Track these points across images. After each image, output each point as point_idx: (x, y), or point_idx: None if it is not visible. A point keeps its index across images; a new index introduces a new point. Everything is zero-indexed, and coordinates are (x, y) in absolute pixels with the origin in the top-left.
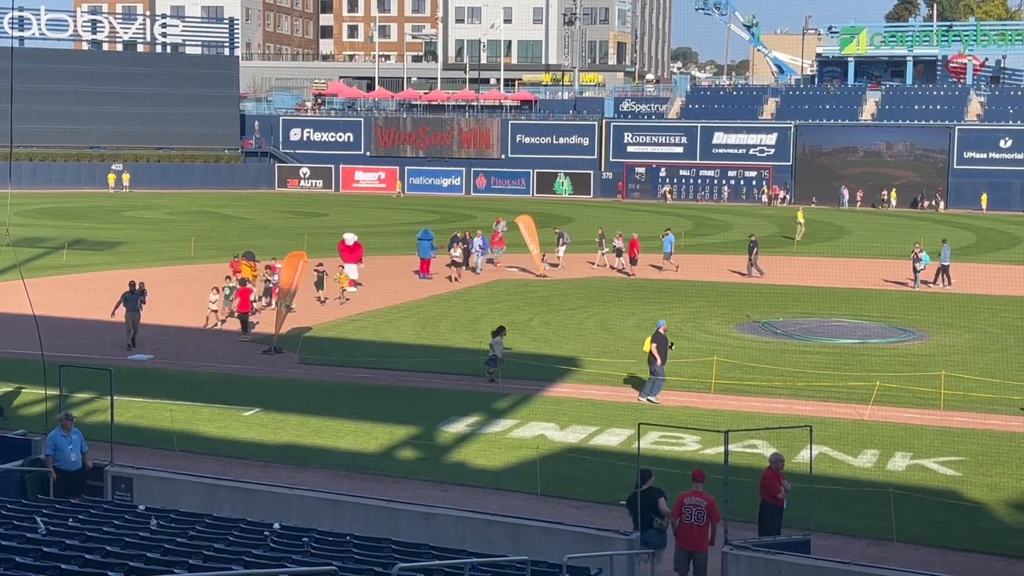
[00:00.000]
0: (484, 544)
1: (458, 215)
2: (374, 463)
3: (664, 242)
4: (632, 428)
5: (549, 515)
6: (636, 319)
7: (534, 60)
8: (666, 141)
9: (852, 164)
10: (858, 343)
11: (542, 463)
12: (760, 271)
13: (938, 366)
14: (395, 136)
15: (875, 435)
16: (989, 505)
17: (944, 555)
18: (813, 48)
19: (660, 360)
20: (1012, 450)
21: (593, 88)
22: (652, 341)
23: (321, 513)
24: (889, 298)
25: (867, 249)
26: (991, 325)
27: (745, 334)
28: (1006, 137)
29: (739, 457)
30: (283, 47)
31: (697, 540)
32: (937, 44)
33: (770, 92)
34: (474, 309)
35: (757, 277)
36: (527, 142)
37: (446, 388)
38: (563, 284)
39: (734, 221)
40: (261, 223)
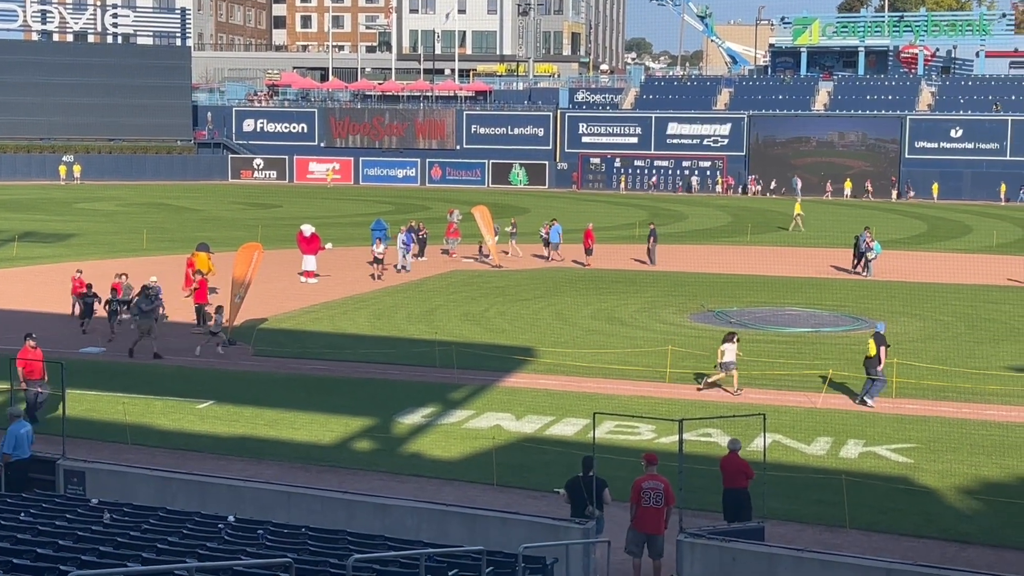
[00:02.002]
0: (440, 535)
1: (413, 206)
2: (329, 455)
3: (551, 232)
4: (587, 417)
5: (505, 505)
6: (592, 309)
7: (488, 51)
8: (621, 132)
9: (805, 154)
10: (811, 332)
11: (498, 453)
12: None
13: (890, 354)
14: (349, 127)
15: (828, 423)
16: (940, 491)
17: (896, 541)
18: (766, 39)
19: (881, 362)
20: (963, 437)
21: (548, 79)
22: (877, 343)
23: (276, 505)
24: (841, 287)
25: (819, 238)
26: (942, 313)
27: (700, 323)
28: (956, 127)
29: (694, 446)
30: (236, 37)
31: (657, 523)
32: (888, 35)
33: (724, 83)
34: (429, 300)
35: (654, 266)
36: (482, 133)
37: (401, 379)
38: (519, 274)
39: (689, 211)
40: (214, 214)
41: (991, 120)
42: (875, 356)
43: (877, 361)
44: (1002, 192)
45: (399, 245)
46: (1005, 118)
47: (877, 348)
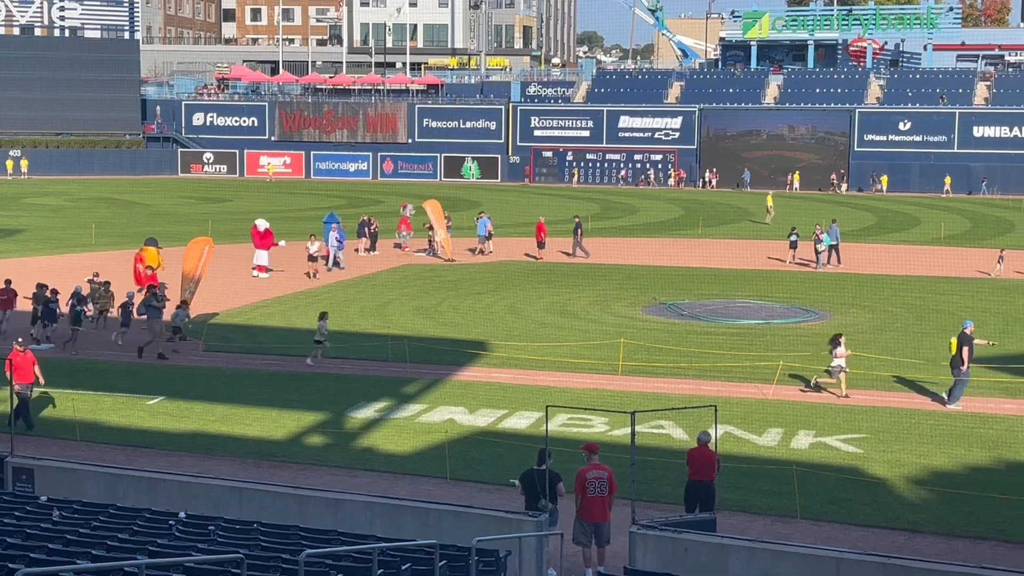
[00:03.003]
0: (393, 529)
1: (365, 200)
2: (281, 450)
3: (478, 225)
4: (541, 411)
5: (458, 499)
6: (544, 302)
7: (440, 44)
8: (572, 125)
9: (756, 147)
10: (762, 323)
11: (451, 447)
12: (585, 252)
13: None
14: (300, 120)
15: (779, 414)
16: (890, 481)
17: (847, 531)
18: (716, 32)
19: (965, 362)
20: (912, 427)
21: (499, 72)
22: (958, 342)
23: (227, 501)
24: (791, 279)
25: (769, 231)
26: (891, 304)
27: (652, 316)
28: (905, 120)
29: (646, 438)
30: (184, 30)
31: (602, 511)
32: (837, 28)
33: (675, 76)
34: (382, 294)
35: (582, 257)
36: (434, 126)
37: (354, 374)
38: (471, 268)
39: (640, 204)
40: (164, 209)
41: (939, 113)
42: (957, 355)
43: (960, 360)
44: (947, 184)
45: (331, 243)
46: (952, 111)
47: (959, 347)
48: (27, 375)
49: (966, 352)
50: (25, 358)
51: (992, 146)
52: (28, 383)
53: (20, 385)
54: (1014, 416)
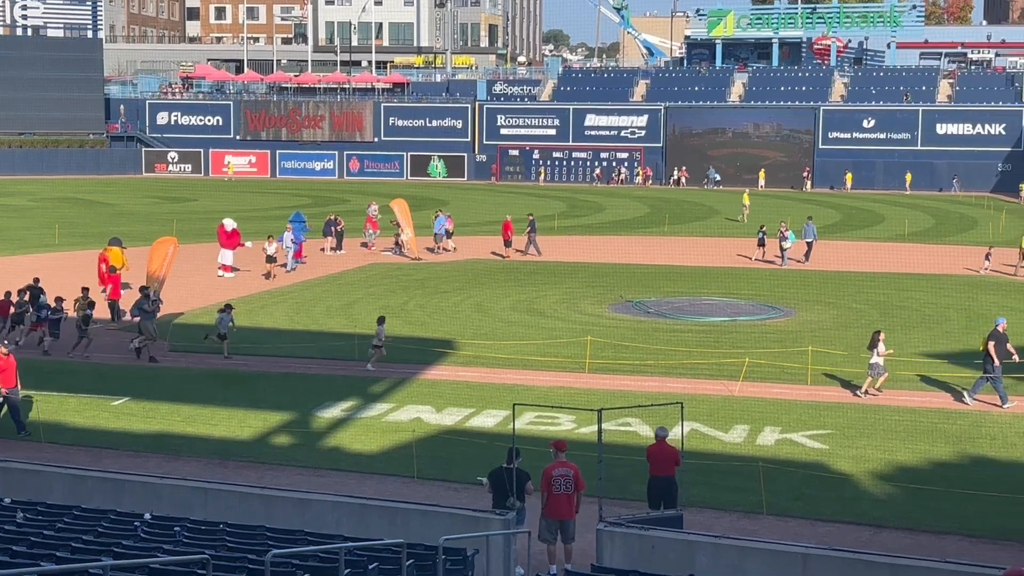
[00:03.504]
0: (360, 529)
1: (331, 199)
2: (248, 450)
3: (435, 223)
4: (508, 409)
5: (426, 498)
6: (511, 301)
7: (406, 43)
8: (539, 123)
9: (721, 145)
10: (728, 321)
11: (418, 446)
12: (538, 250)
13: (805, 342)
14: (265, 119)
15: (745, 410)
16: (855, 476)
17: (813, 526)
18: (681, 30)
19: (996, 360)
20: (877, 422)
21: (465, 71)
22: (989, 339)
23: (193, 502)
24: (757, 276)
25: (742, 228)
26: (855, 301)
27: (618, 314)
28: (869, 117)
29: (613, 435)
30: (148, 29)
31: (567, 509)
32: (802, 26)
33: (640, 74)
34: (349, 293)
35: (535, 255)
36: (400, 125)
37: (321, 373)
38: (438, 267)
39: (607, 202)
40: (128, 209)
41: (902, 111)
42: (987, 352)
43: (990, 359)
44: (908, 182)
45: (286, 244)
46: (916, 108)
47: (986, 343)
48: (10, 379)
49: (992, 348)
50: (8, 362)
51: (955, 143)
52: (12, 387)
53: (7, 390)
54: (977, 411)
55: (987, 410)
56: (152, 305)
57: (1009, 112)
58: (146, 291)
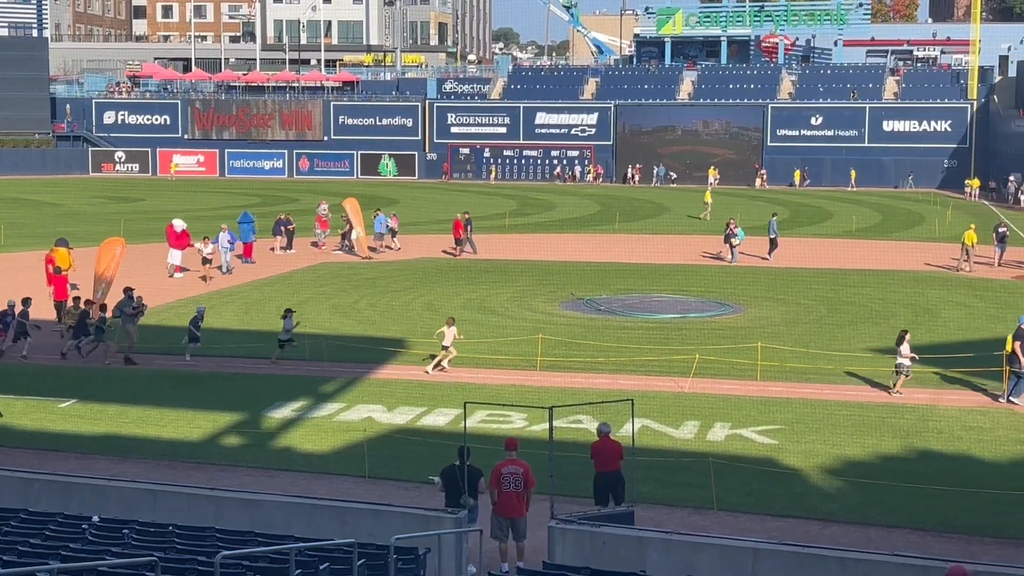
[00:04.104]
0: (311, 529)
1: (281, 198)
2: (197, 451)
3: (375, 222)
4: (459, 407)
5: (378, 497)
6: (463, 299)
7: (355, 41)
8: (489, 122)
9: (671, 143)
10: (678, 317)
11: (370, 445)
12: (473, 248)
13: (754, 338)
14: (214, 118)
15: (695, 407)
16: (804, 471)
17: (763, 521)
18: (631, 29)
19: (1022, 359)
20: (825, 417)
21: (415, 69)
22: (1015, 339)
23: (142, 504)
24: (707, 273)
25: (685, 225)
26: (804, 297)
27: (569, 311)
28: (817, 115)
29: (565, 432)
30: (95, 28)
31: (517, 506)
32: (750, 24)
33: (590, 72)
34: (299, 293)
35: (470, 254)
36: (350, 123)
37: (271, 373)
38: (389, 266)
39: (558, 200)
40: (75, 209)
41: (849, 108)
42: (1012, 352)
43: (1016, 358)
44: (852, 178)
45: (222, 245)
46: (863, 105)
47: (1013, 343)
48: None
49: (1019, 348)
50: None
51: (902, 140)
52: None
53: None
54: (925, 405)
55: (933, 404)
56: (135, 309)
57: (955, 109)
58: (130, 293)
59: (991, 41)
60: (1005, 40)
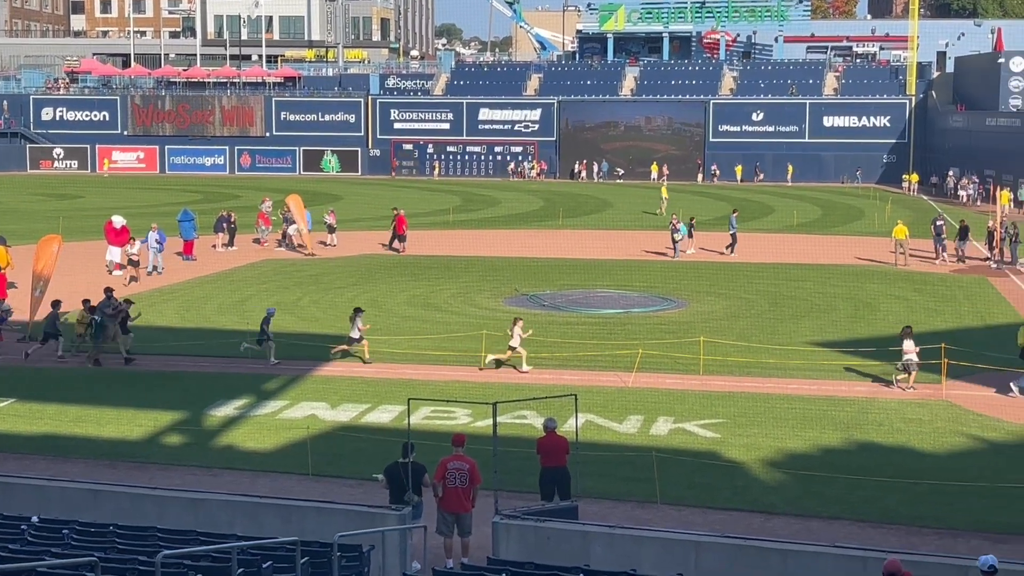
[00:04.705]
0: (254, 527)
1: (223, 195)
2: (138, 451)
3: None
4: (403, 404)
5: (321, 495)
6: (407, 295)
7: (296, 36)
8: (433, 118)
9: (614, 138)
10: (621, 313)
11: (313, 443)
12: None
13: (697, 332)
14: (154, 114)
15: (639, 401)
16: (747, 464)
17: (705, 514)
18: (573, 25)
19: None
20: (767, 411)
21: (358, 65)
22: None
23: (82, 504)
24: (650, 268)
25: (629, 221)
26: (746, 292)
27: (513, 307)
28: (758, 111)
29: (509, 428)
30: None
31: (462, 502)
32: (691, 20)
33: (533, 68)
34: (240, 290)
35: (400, 249)
36: (292, 119)
37: (213, 371)
38: (332, 262)
39: (502, 196)
40: (12, 206)
41: (790, 104)
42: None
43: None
44: (789, 174)
45: (151, 245)
46: (803, 101)
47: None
48: None
49: None
50: None
51: (841, 135)
52: None
53: None
54: (864, 398)
55: (873, 396)
56: (114, 310)
57: (893, 104)
58: (109, 293)
59: (929, 37)
60: (943, 36)
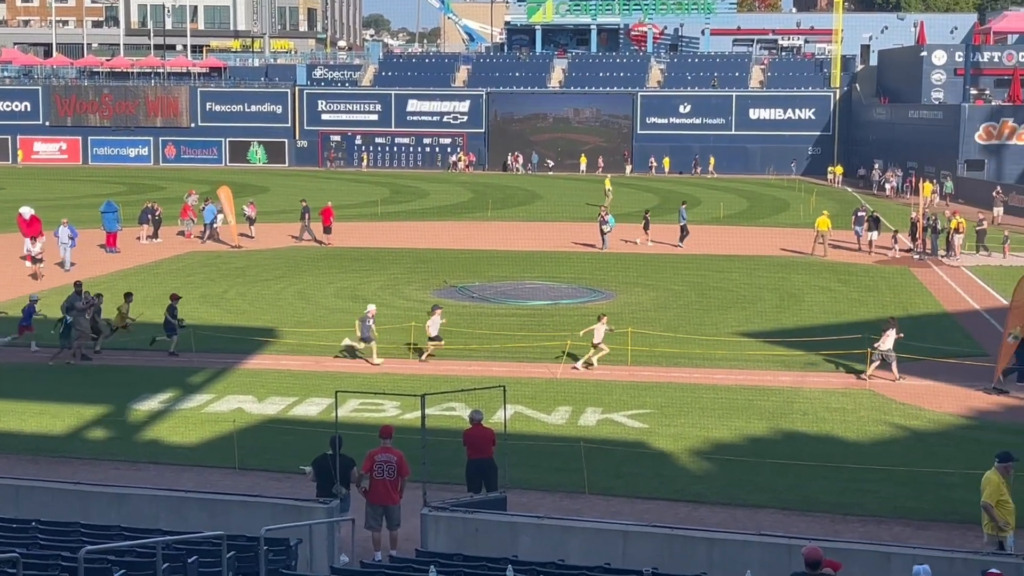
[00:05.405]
0: (179, 522)
1: (147, 186)
2: (61, 446)
3: (204, 213)
4: (331, 396)
5: (248, 488)
6: (334, 288)
7: (222, 26)
8: (360, 109)
9: (542, 130)
10: (550, 304)
11: (240, 436)
12: (312, 236)
13: (625, 323)
14: (76, 105)
15: (567, 392)
16: (674, 454)
17: (633, 504)
18: (502, 16)
19: None
20: (694, 401)
21: (284, 55)
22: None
23: (4, 500)
24: (579, 260)
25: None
26: (674, 283)
27: (442, 299)
28: (685, 103)
29: (438, 420)
30: None
31: (390, 494)
32: (619, 13)
33: (462, 60)
34: (165, 283)
35: (309, 241)
36: (218, 110)
37: (137, 365)
38: (259, 255)
39: (430, 188)
40: None
41: (717, 96)
42: None
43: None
44: (711, 166)
45: (61, 240)
46: (730, 94)
47: None
48: None
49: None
50: None
51: (767, 128)
52: None
53: None
54: (789, 388)
55: (799, 386)
56: (85, 304)
57: (818, 97)
58: (79, 286)
59: (853, 31)
60: (867, 30)
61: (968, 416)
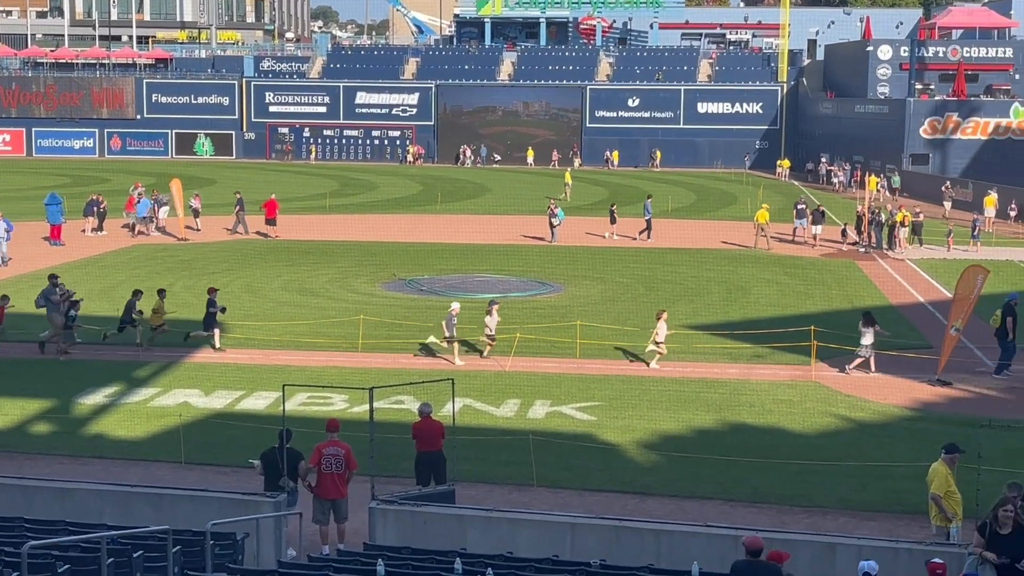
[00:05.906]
0: (125, 517)
1: (92, 178)
2: (4, 440)
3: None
4: (279, 390)
5: (195, 483)
6: (283, 281)
7: (168, 17)
8: (309, 101)
9: (492, 123)
10: (499, 297)
11: (186, 431)
12: (246, 228)
13: (574, 316)
14: (20, 96)
15: (516, 385)
16: (622, 446)
17: (581, 496)
18: (451, 9)
19: (1009, 334)
20: (642, 393)
21: (232, 47)
22: (1004, 314)
23: None
24: (528, 253)
25: (507, 206)
26: (622, 276)
27: (391, 292)
28: (634, 96)
29: (386, 413)
30: None
31: (338, 488)
32: (568, 6)
33: (411, 52)
34: (111, 276)
35: (241, 234)
36: (164, 102)
37: (82, 359)
38: (206, 247)
39: (379, 180)
40: None
41: (665, 89)
42: (1002, 327)
43: (1005, 333)
44: (657, 158)
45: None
46: (678, 88)
47: (1003, 319)
48: None
49: (1010, 323)
50: None
51: (715, 121)
52: None
53: None
54: (736, 380)
55: (745, 379)
56: (61, 297)
57: (766, 91)
58: (55, 280)
59: (800, 25)
60: (813, 24)
61: (912, 408)
